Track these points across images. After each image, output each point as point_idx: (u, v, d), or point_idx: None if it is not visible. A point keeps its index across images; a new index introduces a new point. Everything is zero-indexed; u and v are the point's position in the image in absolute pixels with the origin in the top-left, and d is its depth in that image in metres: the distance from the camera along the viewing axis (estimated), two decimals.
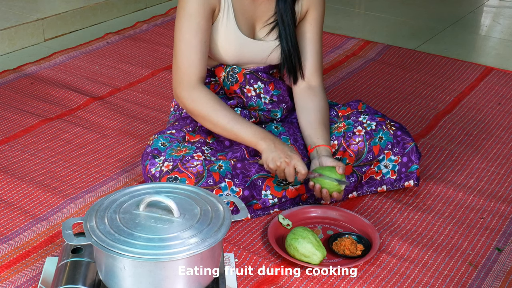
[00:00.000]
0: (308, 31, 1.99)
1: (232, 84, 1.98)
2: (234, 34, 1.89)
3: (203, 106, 1.84)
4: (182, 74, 1.85)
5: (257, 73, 2.00)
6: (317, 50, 2.01)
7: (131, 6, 3.76)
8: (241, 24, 1.90)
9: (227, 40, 1.90)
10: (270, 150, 1.79)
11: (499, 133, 2.44)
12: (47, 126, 2.39)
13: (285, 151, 1.79)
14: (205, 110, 1.84)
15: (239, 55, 1.94)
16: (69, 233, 1.38)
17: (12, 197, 1.97)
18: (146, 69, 2.92)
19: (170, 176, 1.77)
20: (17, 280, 1.64)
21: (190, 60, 1.84)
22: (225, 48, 1.92)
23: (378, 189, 1.99)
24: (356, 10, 4.05)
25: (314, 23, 1.99)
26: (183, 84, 1.85)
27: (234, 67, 1.97)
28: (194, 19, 1.83)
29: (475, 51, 3.41)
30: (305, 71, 2.00)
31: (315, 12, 1.98)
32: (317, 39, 2.01)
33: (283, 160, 1.77)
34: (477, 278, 1.68)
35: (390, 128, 1.96)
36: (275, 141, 1.81)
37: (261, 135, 1.82)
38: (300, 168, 1.77)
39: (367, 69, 3.01)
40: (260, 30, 1.95)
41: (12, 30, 3.15)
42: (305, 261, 1.67)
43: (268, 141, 1.81)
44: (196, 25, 1.84)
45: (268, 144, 1.80)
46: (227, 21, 1.88)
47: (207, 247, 1.34)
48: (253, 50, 1.94)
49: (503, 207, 1.98)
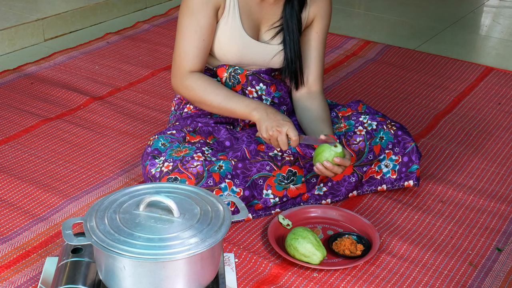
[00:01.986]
0: (314, 39, 2.01)
1: (234, 85, 1.98)
2: (238, 33, 1.90)
3: (196, 91, 1.89)
4: (177, 66, 1.91)
5: (259, 75, 2.00)
6: (320, 58, 2.03)
7: (131, 6, 3.76)
8: (246, 24, 1.91)
9: (231, 39, 1.91)
10: (263, 119, 1.80)
11: (499, 133, 2.44)
12: (47, 126, 2.39)
13: (277, 119, 1.79)
14: (199, 95, 1.89)
15: (242, 55, 1.94)
16: (69, 233, 1.38)
17: (12, 197, 1.97)
18: (146, 69, 2.92)
19: (170, 177, 1.77)
20: (17, 280, 1.64)
21: (185, 54, 1.88)
22: (228, 47, 1.92)
23: (378, 188, 2.00)
24: (356, 10, 4.05)
25: (320, 32, 2.01)
26: (177, 75, 1.91)
27: (236, 68, 1.97)
28: (195, 17, 1.85)
29: (475, 51, 3.41)
30: (308, 77, 2.02)
31: (322, 22, 2.00)
32: (321, 47, 2.03)
33: (275, 128, 1.77)
34: (477, 278, 1.68)
35: (391, 128, 1.97)
36: (267, 110, 1.82)
37: (253, 106, 1.84)
38: (291, 134, 1.76)
39: (367, 69, 3.01)
40: (265, 33, 1.95)
41: (12, 30, 3.15)
42: (305, 261, 1.67)
43: (260, 111, 1.82)
44: (196, 23, 1.86)
45: (261, 114, 1.81)
46: (233, 20, 1.89)
47: (207, 247, 1.34)
48: (256, 52, 1.95)
49: (503, 207, 1.98)
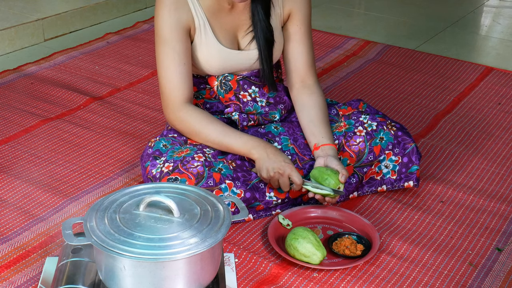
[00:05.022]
0: (296, 32, 1.99)
1: (226, 92, 1.98)
2: (215, 48, 1.90)
3: (190, 124, 1.87)
4: (167, 98, 1.89)
5: (250, 78, 1.99)
6: (308, 49, 2.01)
7: (131, 6, 3.76)
8: (221, 37, 1.90)
9: (209, 55, 1.90)
10: (263, 159, 1.79)
11: (499, 133, 2.44)
12: (47, 126, 2.39)
13: (278, 161, 1.78)
14: (194, 128, 1.87)
15: (225, 67, 1.94)
16: (69, 233, 1.38)
17: (12, 197, 1.97)
18: (146, 69, 2.93)
19: (170, 177, 1.77)
20: (17, 280, 1.64)
21: (172, 84, 1.87)
22: (209, 62, 1.92)
23: (378, 189, 2.00)
24: (356, 10, 4.05)
25: (301, 24, 1.99)
26: (169, 108, 1.89)
27: (226, 75, 1.97)
28: (169, 44, 1.85)
29: (475, 51, 3.41)
30: (299, 71, 2.00)
31: (299, 14, 1.98)
32: (306, 38, 2.00)
33: (277, 171, 1.77)
34: (477, 278, 1.68)
35: (391, 128, 1.96)
36: (267, 149, 1.81)
37: (252, 144, 1.83)
38: (295, 178, 1.76)
39: (367, 69, 3.01)
40: (243, 39, 1.95)
41: (12, 30, 3.15)
42: (305, 261, 1.67)
43: (260, 150, 1.81)
44: (172, 50, 1.85)
45: (261, 154, 1.80)
46: (206, 37, 1.88)
47: (207, 247, 1.34)
48: (238, 61, 1.94)
49: (503, 207, 1.98)
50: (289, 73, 2.03)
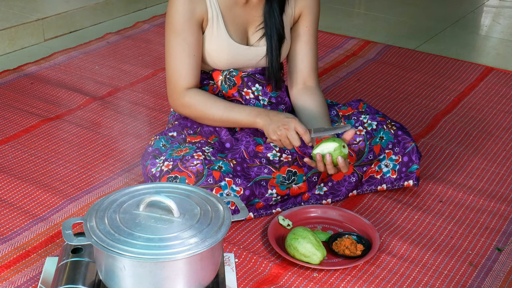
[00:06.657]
0: (304, 34, 2.00)
1: (230, 88, 1.98)
2: (225, 42, 1.90)
3: (195, 108, 1.89)
4: (172, 85, 1.91)
5: (254, 76, 2.00)
6: (313, 52, 2.02)
7: (131, 6, 3.76)
8: (232, 31, 1.91)
9: (219, 48, 1.91)
10: (267, 124, 1.81)
11: (499, 133, 2.44)
12: (47, 126, 2.39)
13: (280, 119, 1.79)
14: (199, 111, 1.89)
15: (232, 62, 1.95)
16: (69, 233, 1.38)
17: (12, 197, 1.97)
18: (146, 69, 2.93)
19: (170, 176, 1.77)
20: (17, 280, 1.64)
21: (178, 72, 1.89)
22: (218, 56, 1.93)
23: (378, 188, 2.00)
24: (356, 10, 4.05)
25: (310, 26, 2.00)
26: (175, 95, 1.91)
27: (231, 70, 1.97)
28: (181, 35, 1.86)
29: (475, 51, 3.41)
30: (302, 72, 2.02)
31: (310, 15, 1.99)
32: (313, 41, 2.02)
33: (282, 128, 1.77)
34: (477, 278, 1.68)
35: (391, 128, 1.97)
36: (269, 114, 1.83)
37: (255, 113, 1.85)
38: (299, 128, 1.76)
39: (367, 69, 3.01)
40: (253, 35, 1.95)
41: (12, 30, 3.15)
42: (305, 261, 1.67)
43: (263, 117, 1.83)
44: (183, 41, 1.86)
45: (264, 119, 1.82)
46: (217, 30, 1.89)
47: (207, 247, 1.34)
48: (245, 56, 1.95)
49: (503, 207, 1.98)
50: (292, 74, 2.04)
